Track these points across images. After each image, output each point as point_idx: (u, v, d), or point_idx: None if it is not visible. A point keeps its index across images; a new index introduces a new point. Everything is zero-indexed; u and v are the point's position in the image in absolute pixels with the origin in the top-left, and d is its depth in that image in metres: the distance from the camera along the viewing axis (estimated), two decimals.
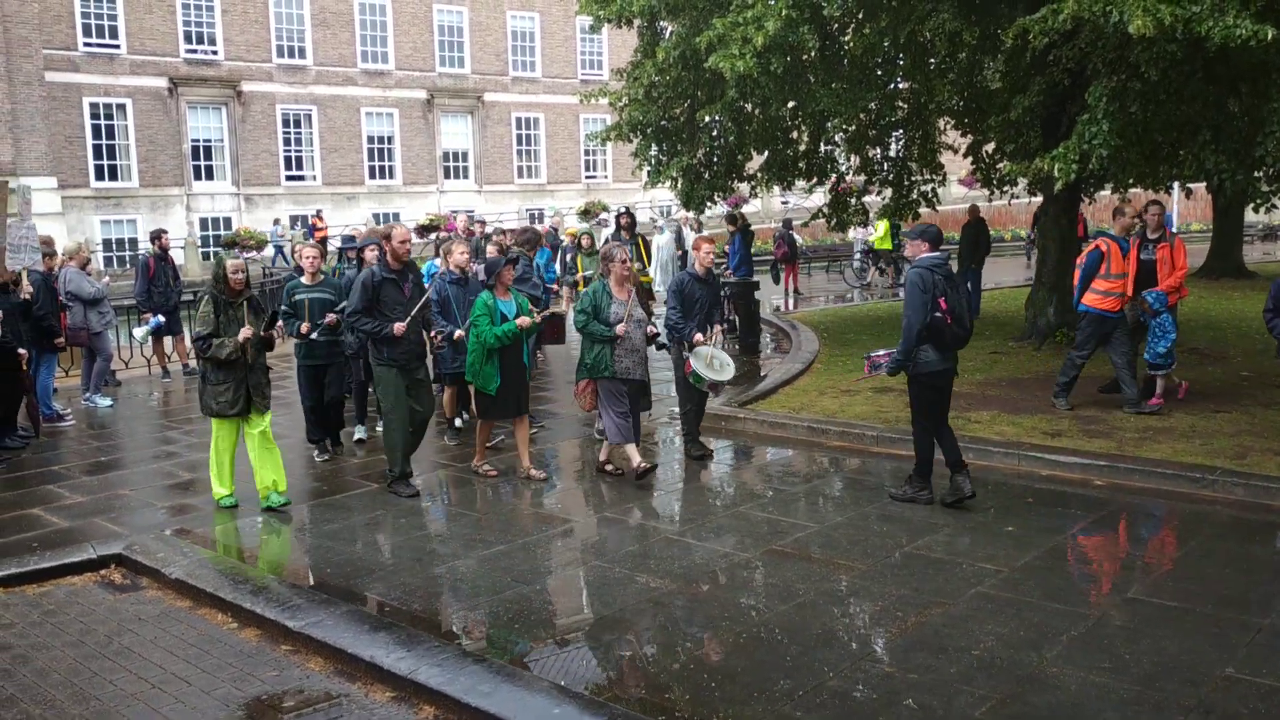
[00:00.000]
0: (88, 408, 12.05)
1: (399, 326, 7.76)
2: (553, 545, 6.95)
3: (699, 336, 8.64)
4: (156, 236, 14.54)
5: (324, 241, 27.39)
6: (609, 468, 8.59)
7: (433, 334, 8.58)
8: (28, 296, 10.33)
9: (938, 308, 7.04)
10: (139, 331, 13.98)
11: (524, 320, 8.17)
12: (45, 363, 11.16)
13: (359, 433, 10.07)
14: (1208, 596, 5.65)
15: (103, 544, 7.00)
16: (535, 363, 11.90)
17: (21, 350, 10.06)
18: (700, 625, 5.49)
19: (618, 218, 14.35)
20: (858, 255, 25.90)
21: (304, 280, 9.29)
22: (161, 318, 13.82)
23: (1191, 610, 5.48)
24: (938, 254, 7.28)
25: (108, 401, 12.28)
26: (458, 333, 8.80)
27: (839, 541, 6.79)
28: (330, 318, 8.81)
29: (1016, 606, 5.59)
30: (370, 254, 9.42)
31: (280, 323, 8.58)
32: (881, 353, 7.64)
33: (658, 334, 8.62)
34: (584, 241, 16.93)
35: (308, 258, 9.43)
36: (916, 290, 7.07)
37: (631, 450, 8.34)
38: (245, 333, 7.39)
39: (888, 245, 24.88)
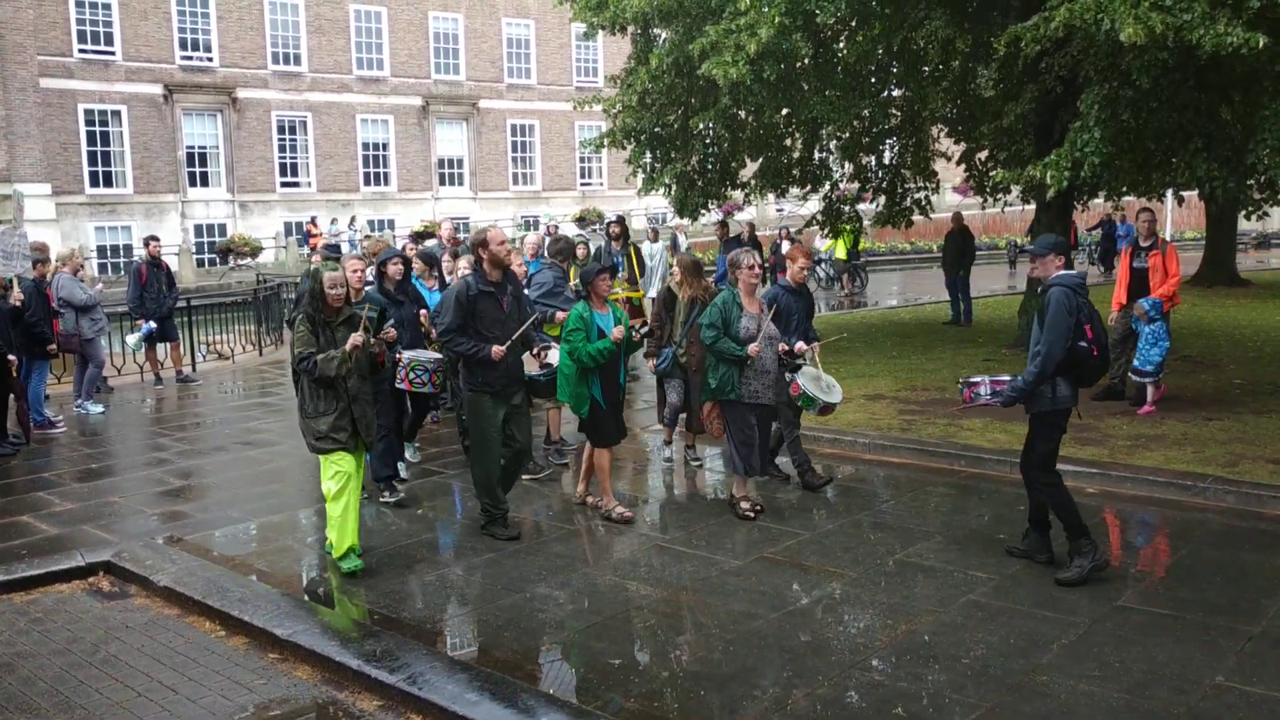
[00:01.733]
0: (79, 414, 12.01)
1: (498, 350, 6.80)
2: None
3: (800, 345, 7.68)
4: (147, 243, 14.51)
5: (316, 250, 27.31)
6: (744, 506, 7.50)
7: (535, 352, 7.57)
8: (18, 303, 10.31)
9: (1083, 335, 6.01)
10: (131, 339, 13.95)
11: (618, 332, 7.25)
12: (37, 369, 11.12)
13: (408, 454, 9.07)
14: (1198, 604, 5.65)
15: (91, 551, 6.97)
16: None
17: (11, 356, 10.03)
18: (691, 632, 5.47)
19: (607, 227, 13.66)
20: (822, 265, 26.04)
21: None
22: (153, 324, 13.78)
23: (1182, 618, 5.48)
24: (1076, 272, 6.36)
25: (99, 408, 12.25)
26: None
27: (831, 549, 6.77)
28: (390, 331, 7.07)
29: (1007, 614, 5.58)
30: (393, 268, 8.44)
31: (391, 329, 7.16)
32: (984, 379, 6.47)
33: (790, 351, 7.60)
34: (579, 251, 16.67)
35: (354, 270, 8.04)
36: (1063, 312, 5.97)
37: (749, 485, 7.52)
38: (355, 339, 6.35)
39: (842, 256, 25.11)
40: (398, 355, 7.76)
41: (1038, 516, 6.39)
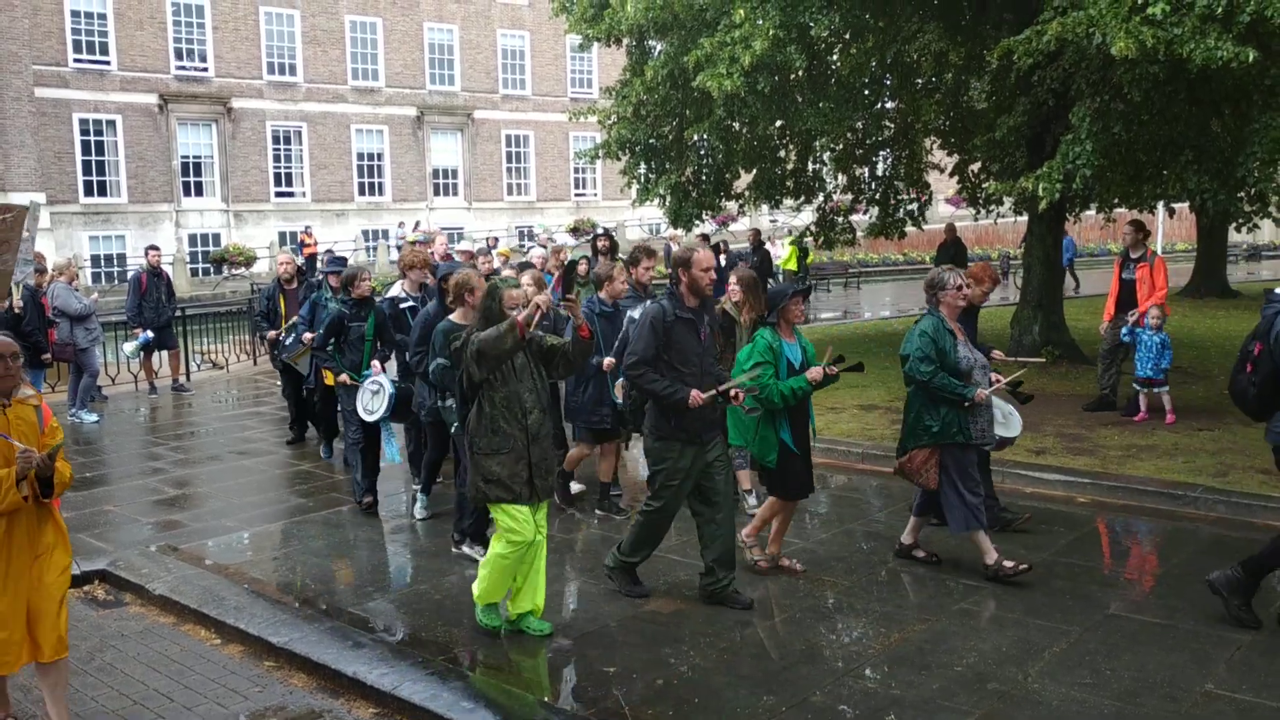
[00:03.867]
0: (74, 423, 12.00)
1: (697, 395, 5.64)
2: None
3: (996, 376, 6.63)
4: (148, 252, 14.51)
5: (312, 259, 27.32)
6: (919, 553, 6.71)
7: (734, 395, 5.90)
8: (18, 310, 10.32)
9: None
10: (128, 347, 13.93)
11: (815, 373, 6.15)
12: (32, 378, 11.12)
13: (420, 510, 7.93)
14: (1188, 613, 5.68)
15: (87, 560, 6.96)
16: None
17: None
18: (685, 641, 5.49)
19: (594, 240, 12.50)
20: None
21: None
22: (150, 333, 13.77)
23: (1173, 627, 5.51)
24: None
25: (94, 417, 12.24)
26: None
27: (824, 558, 6.80)
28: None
29: (999, 623, 5.61)
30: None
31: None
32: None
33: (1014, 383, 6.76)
34: (580, 267, 15.28)
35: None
36: None
37: (985, 540, 6.34)
38: (542, 299, 5.27)
39: (793, 266, 25.10)
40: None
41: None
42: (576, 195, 43.82)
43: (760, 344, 6.26)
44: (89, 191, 33.60)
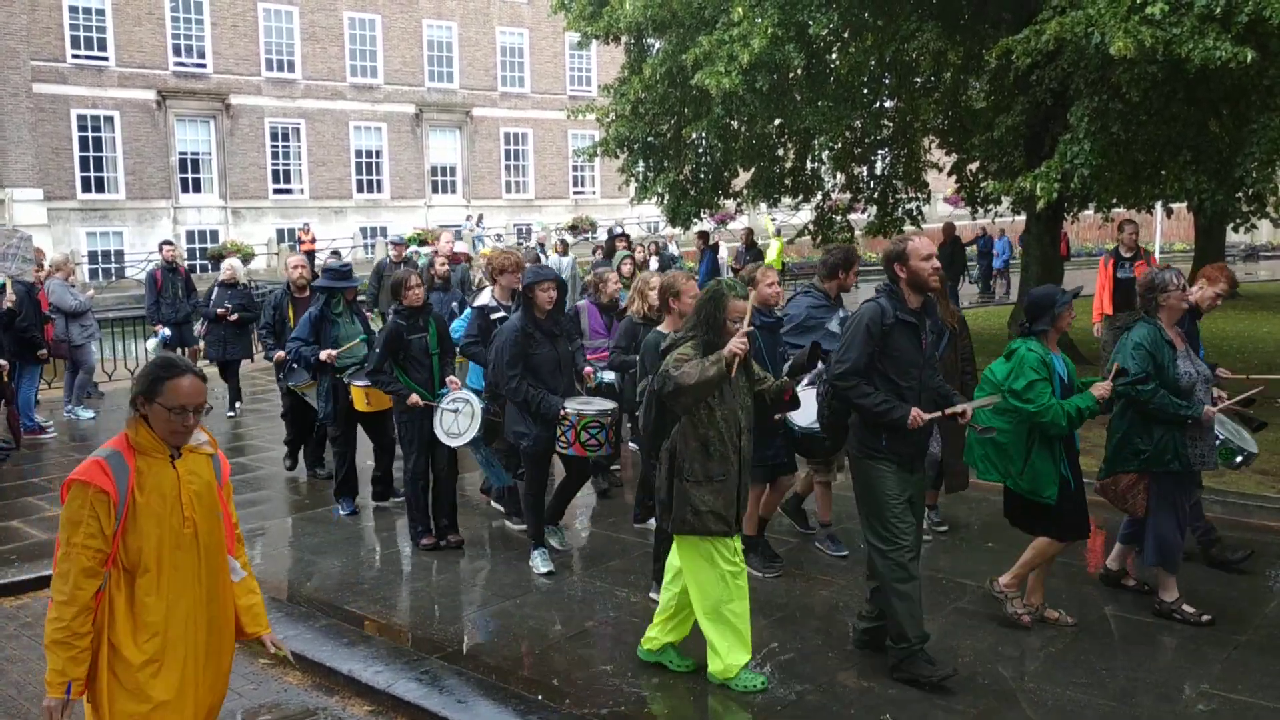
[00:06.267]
0: (69, 420, 11.99)
1: (919, 415, 4.77)
2: None
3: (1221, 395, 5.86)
4: (162, 248, 14.40)
5: (310, 255, 27.31)
6: (1128, 582, 6.08)
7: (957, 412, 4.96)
8: (11, 305, 10.29)
9: None
10: (149, 344, 13.83)
11: (1103, 388, 5.29)
12: (27, 375, 11.10)
13: (544, 562, 6.60)
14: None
15: None
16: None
17: (2, 361, 10.01)
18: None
19: (612, 240, 12.01)
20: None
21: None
22: (168, 331, 13.66)
23: (1168, 627, 5.51)
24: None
25: (90, 413, 12.22)
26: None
27: (820, 556, 6.79)
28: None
29: (995, 622, 5.60)
30: (544, 294, 6.31)
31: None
32: None
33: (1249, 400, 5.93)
34: (625, 268, 12.12)
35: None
36: None
37: (1173, 580, 5.69)
38: (738, 344, 4.56)
39: (778, 265, 25.00)
40: (562, 410, 6.23)
41: None
42: (575, 193, 43.82)
43: (1030, 358, 5.18)
44: (86, 188, 33.56)
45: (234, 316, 11.59)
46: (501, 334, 6.46)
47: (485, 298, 7.70)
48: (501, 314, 7.31)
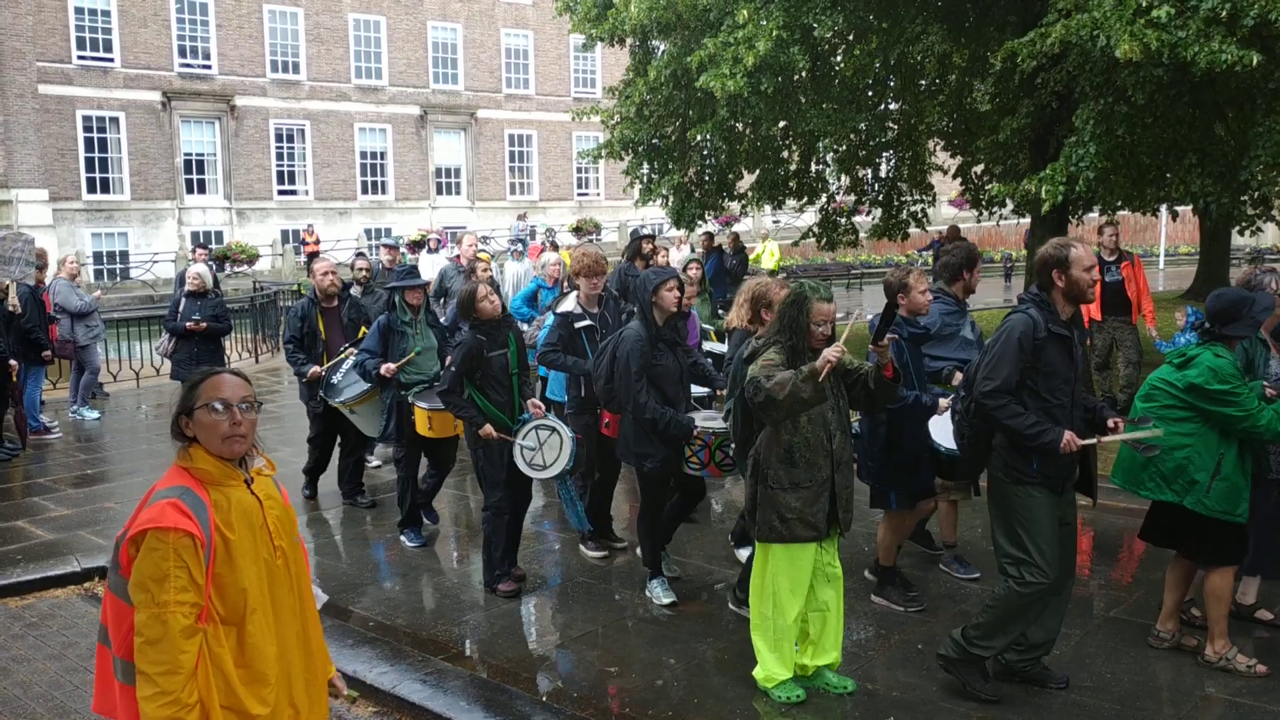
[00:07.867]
0: (75, 420, 12.01)
1: (1073, 439, 4.42)
2: None
3: None
4: (193, 250, 14.51)
5: (314, 257, 27.23)
6: (1263, 615, 5.59)
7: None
8: (14, 309, 10.32)
9: None
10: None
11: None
12: (33, 375, 11.13)
13: (663, 588, 6.11)
14: None
15: (87, 557, 6.97)
16: None
17: (12, 361, 10.04)
18: (684, 641, 5.48)
19: (639, 241, 10.78)
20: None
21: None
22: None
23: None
24: None
25: (95, 414, 12.25)
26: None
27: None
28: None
29: None
30: (669, 295, 5.81)
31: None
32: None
33: None
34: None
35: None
36: None
37: (1254, 585, 5.55)
38: (834, 353, 4.36)
39: (775, 268, 24.93)
40: (694, 428, 5.71)
41: None
42: (579, 195, 43.82)
43: (1222, 365, 4.73)
44: (92, 189, 33.60)
45: (204, 325, 10.67)
46: (623, 344, 5.79)
47: (570, 304, 7.07)
48: (587, 322, 6.77)
